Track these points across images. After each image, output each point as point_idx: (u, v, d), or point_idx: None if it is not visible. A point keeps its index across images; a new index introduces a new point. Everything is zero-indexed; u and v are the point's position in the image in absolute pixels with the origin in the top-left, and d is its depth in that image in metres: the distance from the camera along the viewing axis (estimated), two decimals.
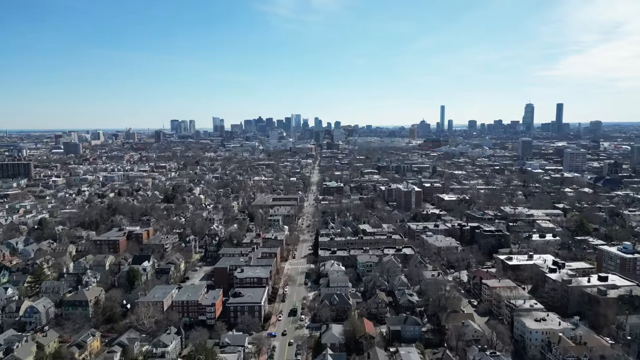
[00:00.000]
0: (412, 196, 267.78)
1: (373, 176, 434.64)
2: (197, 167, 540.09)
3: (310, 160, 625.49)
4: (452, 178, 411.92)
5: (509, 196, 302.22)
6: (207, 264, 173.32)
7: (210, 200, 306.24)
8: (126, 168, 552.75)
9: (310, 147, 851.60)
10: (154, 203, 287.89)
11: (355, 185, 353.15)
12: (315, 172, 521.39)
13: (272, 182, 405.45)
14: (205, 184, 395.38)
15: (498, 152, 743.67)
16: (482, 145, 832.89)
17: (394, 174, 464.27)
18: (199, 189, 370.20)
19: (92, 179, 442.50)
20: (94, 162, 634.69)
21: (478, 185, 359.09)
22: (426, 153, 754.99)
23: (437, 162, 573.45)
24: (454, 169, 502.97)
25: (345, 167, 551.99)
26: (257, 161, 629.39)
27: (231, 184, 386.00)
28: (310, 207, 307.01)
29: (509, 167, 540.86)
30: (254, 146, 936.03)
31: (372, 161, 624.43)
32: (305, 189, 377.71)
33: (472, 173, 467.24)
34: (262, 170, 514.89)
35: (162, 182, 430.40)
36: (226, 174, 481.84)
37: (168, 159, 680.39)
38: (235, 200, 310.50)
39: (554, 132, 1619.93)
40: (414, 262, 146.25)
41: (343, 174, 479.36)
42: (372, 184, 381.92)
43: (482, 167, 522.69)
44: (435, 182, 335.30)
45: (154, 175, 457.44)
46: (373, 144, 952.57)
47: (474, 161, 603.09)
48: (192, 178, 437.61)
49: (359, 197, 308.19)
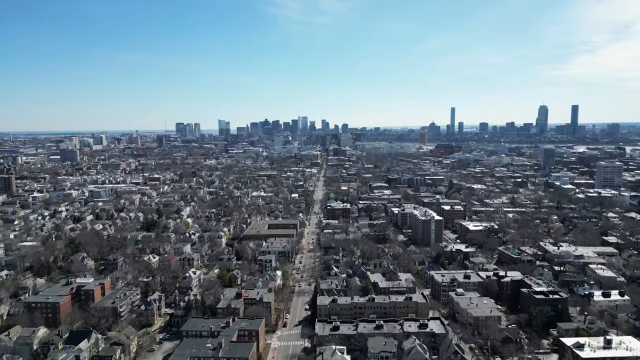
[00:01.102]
0: (432, 226, 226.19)
1: (383, 191, 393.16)
2: (193, 179, 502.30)
3: (315, 170, 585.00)
4: (471, 195, 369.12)
5: (543, 223, 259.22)
6: (171, 336, 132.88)
7: (198, 227, 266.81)
8: (118, 179, 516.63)
9: (316, 153, 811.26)
10: (130, 233, 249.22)
11: (363, 206, 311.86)
12: (320, 185, 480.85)
13: (272, 200, 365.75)
14: (197, 203, 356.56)
15: (515, 160, 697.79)
16: (498, 152, 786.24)
17: (406, 188, 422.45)
18: (189, 209, 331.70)
19: (76, 195, 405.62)
20: (87, 172, 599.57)
21: (503, 205, 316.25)
22: (438, 160, 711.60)
23: (452, 173, 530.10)
24: (471, 181, 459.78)
25: (352, 178, 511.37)
26: (258, 170, 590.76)
27: (225, 203, 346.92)
28: (312, 233, 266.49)
29: (531, 178, 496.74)
30: (257, 152, 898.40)
31: (381, 170, 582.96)
32: (308, 209, 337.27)
33: (492, 187, 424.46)
34: (262, 182, 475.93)
35: (152, 198, 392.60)
36: (223, 187, 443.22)
37: (166, 168, 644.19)
38: (226, 226, 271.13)
39: (569, 134, 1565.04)
40: (448, 352, 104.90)
41: (350, 187, 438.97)
42: (383, 202, 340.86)
43: (501, 179, 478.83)
44: (455, 204, 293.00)
45: (144, 190, 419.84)
46: (382, 149, 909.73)
47: (492, 170, 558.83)
48: (184, 194, 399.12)
49: (367, 223, 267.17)
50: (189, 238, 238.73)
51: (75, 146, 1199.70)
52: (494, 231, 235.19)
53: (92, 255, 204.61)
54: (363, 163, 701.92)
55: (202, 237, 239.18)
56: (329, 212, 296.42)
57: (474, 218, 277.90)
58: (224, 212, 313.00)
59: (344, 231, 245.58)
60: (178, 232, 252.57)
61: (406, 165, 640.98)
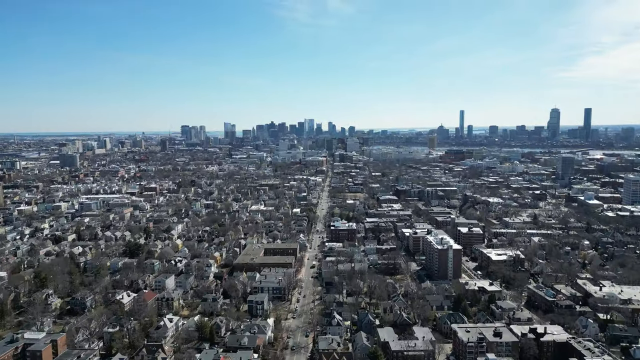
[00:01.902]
0: (449, 256, 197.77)
1: (392, 206, 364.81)
2: (191, 189, 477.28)
3: (320, 179, 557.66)
4: (488, 211, 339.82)
5: (574, 250, 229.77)
6: None
7: (187, 251, 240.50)
8: (114, 189, 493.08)
9: (321, 159, 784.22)
10: (110, 259, 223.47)
11: (371, 226, 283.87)
12: (325, 196, 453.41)
13: (271, 215, 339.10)
14: (191, 219, 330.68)
15: (530, 167, 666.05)
16: (511, 159, 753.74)
17: (416, 201, 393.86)
18: (182, 226, 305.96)
19: (65, 208, 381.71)
20: (83, 180, 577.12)
21: (525, 225, 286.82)
22: (449, 167, 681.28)
23: (465, 183, 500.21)
24: (486, 193, 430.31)
25: (358, 188, 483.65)
26: (261, 179, 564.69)
27: (221, 219, 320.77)
28: (313, 259, 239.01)
29: (549, 189, 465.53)
30: (261, 157, 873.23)
31: (389, 179, 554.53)
32: (310, 226, 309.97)
33: (508, 200, 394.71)
34: (263, 193, 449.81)
35: (144, 212, 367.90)
36: (221, 199, 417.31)
37: (166, 175, 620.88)
38: (219, 249, 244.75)
39: (581, 138, 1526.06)
40: None
41: (356, 199, 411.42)
42: (392, 219, 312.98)
43: (518, 190, 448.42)
44: (472, 225, 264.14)
45: (137, 203, 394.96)
46: (389, 155, 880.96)
47: (506, 180, 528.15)
48: (179, 207, 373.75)
49: (376, 248, 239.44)
50: (175, 267, 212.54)
51: (78, 149, 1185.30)
52: (520, 261, 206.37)
53: (60, 291, 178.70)
54: (370, 170, 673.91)
55: (190, 266, 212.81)
56: (333, 233, 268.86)
57: (495, 242, 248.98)
58: (218, 231, 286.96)
59: (349, 258, 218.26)
60: (164, 259, 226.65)
61: (415, 173, 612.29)
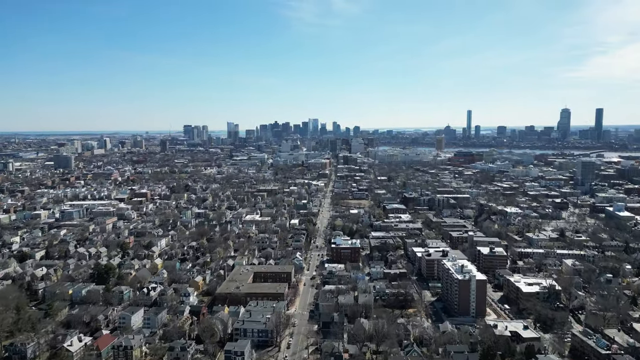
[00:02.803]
0: (472, 288, 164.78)
1: (400, 216, 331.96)
2: (184, 195, 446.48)
3: (322, 183, 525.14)
4: (507, 224, 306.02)
5: (616, 277, 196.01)
6: None
7: (166, 274, 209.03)
8: (103, 194, 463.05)
9: (324, 161, 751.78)
10: (74, 285, 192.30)
11: (377, 243, 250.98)
12: (327, 204, 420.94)
13: (267, 227, 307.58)
14: (178, 231, 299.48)
15: (545, 171, 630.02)
16: (524, 162, 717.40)
17: (426, 211, 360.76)
18: (165, 241, 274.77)
19: (45, 216, 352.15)
20: (73, 184, 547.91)
21: (553, 243, 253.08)
22: (459, 171, 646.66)
23: (478, 189, 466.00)
24: (502, 201, 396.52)
25: (363, 194, 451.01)
26: (260, 183, 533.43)
27: (211, 232, 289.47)
28: (309, 286, 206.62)
29: (570, 196, 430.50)
30: (262, 159, 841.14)
31: (395, 184, 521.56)
32: (308, 241, 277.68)
33: (527, 209, 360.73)
34: (261, 200, 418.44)
35: (130, 221, 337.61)
36: (214, 207, 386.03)
37: (161, 178, 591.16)
38: (203, 272, 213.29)
39: (593, 139, 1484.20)
40: None
41: (360, 207, 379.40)
42: (401, 232, 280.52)
43: (536, 198, 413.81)
44: (493, 244, 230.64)
45: (123, 211, 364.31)
46: (395, 156, 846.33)
47: (521, 185, 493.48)
48: (167, 217, 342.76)
49: (382, 272, 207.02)
50: (147, 296, 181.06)
51: (77, 150, 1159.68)
52: (556, 294, 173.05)
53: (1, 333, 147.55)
54: (375, 174, 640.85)
55: (164, 295, 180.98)
56: (334, 251, 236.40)
57: (520, 265, 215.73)
58: (205, 248, 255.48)
59: (352, 285, 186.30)
60: (136, 284, 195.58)
61: (423, 177, 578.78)
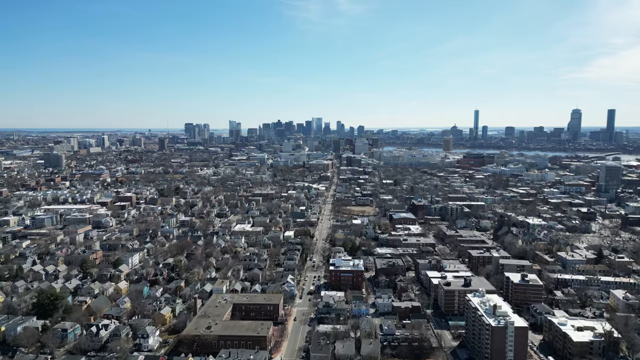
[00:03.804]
0: (508, 340, 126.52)
1: (409, 228, 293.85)
2: (172, 199, 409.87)
3: (324, 187, 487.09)
4: (532, 239, 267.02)
5: None
6: None
7: (129, 303, 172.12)
8: (85, 197, 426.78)
9: (327, 163, 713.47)
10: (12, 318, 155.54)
11: (384, 264, 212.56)
12: (327, 210, 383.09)
13: (257, 239, 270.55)
14: (156, 245, 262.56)
15: (561, 175, 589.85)
16: (539, 165, 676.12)
17: (438, 222, 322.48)
18: (138, 257, 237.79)
19: (14, 224, 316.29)
20: (57, 185, 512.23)
21: (588, 262, 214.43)
22: (469, 174, 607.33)
23: (492, 195, 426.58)
24: (521, 210, 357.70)
25: (367, 200, 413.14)
26: (256, 186, 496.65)
27: (192, 246, 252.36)
28: (302, 320, 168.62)
29: (595, 204, 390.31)
30: (262, 159, 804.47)
31: (402, 188, 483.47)
32: (304, 258, 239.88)
33: (551, 220, 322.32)
34: (255, 206, 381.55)
35: (105, 231, 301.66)
36: (203, 214, 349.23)
37: (152, 180, 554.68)
38: (171, 303, 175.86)
39: (605, 141, 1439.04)
40: None
41: (364, 216, 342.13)
42: (413, 250, 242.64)
43: (559, 207, 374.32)
44: (524, 270, 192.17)
45: (101, 218, 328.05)
46: (401, 158, 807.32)
47: (539, 191, 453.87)
48: (148, 226, 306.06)
49: (391, 305, 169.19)
50: (95, 337, 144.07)
51: (73, 147, 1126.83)
52: (614, 344, 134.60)
53: None
54: (380, 176, 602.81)
55: (118, 336, 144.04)
56: (333, 275, 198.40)
57: (559, 297, 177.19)
58: (182, 267, 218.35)
59: (353, 322, 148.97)
60: (87, 318, 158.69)
61: (431, 181, 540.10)
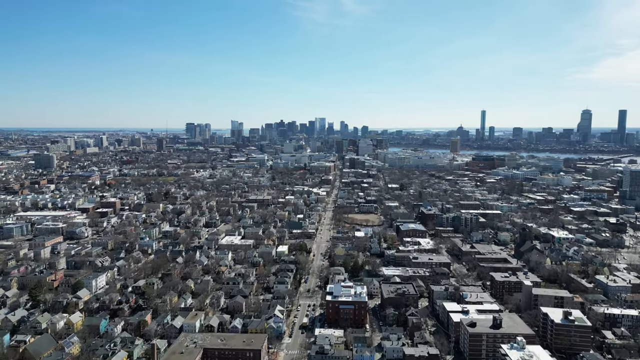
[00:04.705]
0: None
1: (419, 242, 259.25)
2: (160, 205, 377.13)
3: (325, 193, 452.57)
4: (563, 257, 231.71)
5: None
6: None
7: (80, 341, 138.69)
8: (67, 202, 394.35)
9: (329, 165, 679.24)
10: None
11: (391, 293, 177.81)
12: (328, 219, 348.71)
13: (246, 255, 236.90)
14: (129, 262, 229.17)
15: (578, 179, 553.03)
16: (554, 168, 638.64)
17: (451, 234, 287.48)
18: (105, 279, 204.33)
19: None
20: (41, 188, 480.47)
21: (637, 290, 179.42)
22: (480, 178, 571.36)
23: (508, 202, 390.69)
24: (541, 220, 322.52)
25: (371, 207, 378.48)
26: (253, 190, 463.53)
27: (170, 264, 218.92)
28: None
29: (622, 214, 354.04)
30: (262, 161, 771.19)
31: (409, 193, 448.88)
32: (298, 281, 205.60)
33: (577, 232, 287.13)
34: (249, 213, 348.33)
35: (75, 245, 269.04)
36: (189, 223, 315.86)
37: (143, 183, 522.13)
38: (129, 345, 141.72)
39: (616, 142, 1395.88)
40: None
41: (368, 225, 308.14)
42: (425, 271, 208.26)
43: (583, 216, 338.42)
44: (566, 304, 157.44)
45: (75, 228, 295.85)
46: (407, 160, 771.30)
47: (557, 197, 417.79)
48: (125, 239, 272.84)
49: (402, 351, 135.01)
50: None
51: (69, 147, 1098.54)
52: None
53: None
54: (385, 180, 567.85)
55: None
56: (330, 308, 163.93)
57: (612, 341, 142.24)
58: (153, 292, 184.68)
59: None
60: None
61: (440, 186, 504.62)
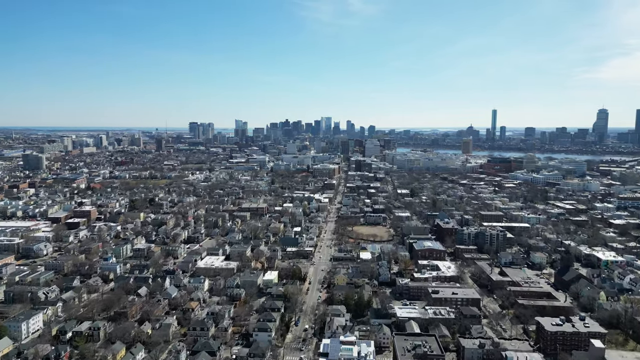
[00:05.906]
0: None
1: (439, 267, 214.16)
2: (141, 214, 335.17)
3: (327, 200, 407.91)
4: (618, 289, 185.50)
5: None
6: None
7: None
8: (40, 210, 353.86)
9: (333, 167, 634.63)
10: None
11: (408, 350, 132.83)
12: (329, 232, 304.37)
13: (226, 283, 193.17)
14: (79, 295, 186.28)
15: (606, 184, 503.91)
16: (577, 172, 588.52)
17: (475, 255, 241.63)
18: (42, 319, 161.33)
19: None
20: (18, 193, 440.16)
21: None
22: (497, 182, 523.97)
23: (535, 212, 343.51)
24: (580, 237, 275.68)
25: (379, 218, 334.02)
26: (248, 196, 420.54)
27: (129, 299, 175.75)
28: None
29: None
30: (262, 163, 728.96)
31: (421, 200, 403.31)
32: (285, 324, 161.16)
33: (623, 251, 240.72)
34: (239, 224, 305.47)
35: (25, 268, 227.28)
36: (167, 239, 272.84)
37: (130, 187, 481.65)
38: None
39: (634, 143, 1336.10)
40: None
41: (376, 240, 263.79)
42: (449, 312, 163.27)
43: (625, 230, 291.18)
44: None
45: (34, 244, 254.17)
46: (416, 161, 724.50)
47: (589, 206, 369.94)
48: (87, 260, 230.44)
49: None
50: None
51: (66, 147, 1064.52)
52: None
53: None
54: (394, 184, 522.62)
55: None
56: None
57: None
58: (92, 346, 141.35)
59: None
60: None
61: (455, 191, 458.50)
